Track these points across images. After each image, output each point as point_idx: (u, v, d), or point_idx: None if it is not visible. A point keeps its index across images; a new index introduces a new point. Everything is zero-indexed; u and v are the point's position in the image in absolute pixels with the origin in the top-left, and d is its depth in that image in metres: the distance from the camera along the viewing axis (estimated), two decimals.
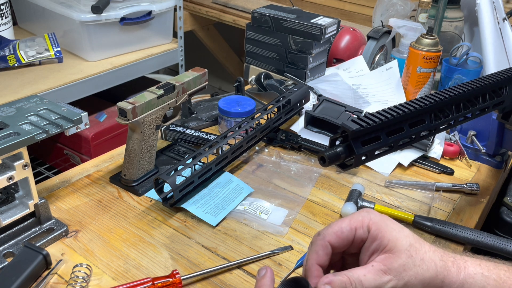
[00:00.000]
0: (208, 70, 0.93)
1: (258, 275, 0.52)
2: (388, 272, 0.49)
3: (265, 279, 0.51)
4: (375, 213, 0.52)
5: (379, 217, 0.52)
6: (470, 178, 0.93)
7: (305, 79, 1.16)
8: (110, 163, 0.91)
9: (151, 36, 1.76)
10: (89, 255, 0.69)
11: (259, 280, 0.52)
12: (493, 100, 0.71)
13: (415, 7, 1.29)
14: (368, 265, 0.50)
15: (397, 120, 0.59)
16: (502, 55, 1.15)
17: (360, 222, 0.51)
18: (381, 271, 0.49)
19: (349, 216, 0.53)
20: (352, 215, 0.53)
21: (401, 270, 0.49)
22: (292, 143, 0.96)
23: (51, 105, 0.71)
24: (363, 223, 0.51)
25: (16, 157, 0.64)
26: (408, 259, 0.49)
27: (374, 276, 0.48)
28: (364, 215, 0.52)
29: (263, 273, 0.52)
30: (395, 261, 0.49)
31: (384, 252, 0.50)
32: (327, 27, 1.12)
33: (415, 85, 1.11)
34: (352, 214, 0.53)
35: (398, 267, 0.49)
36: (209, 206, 0.78)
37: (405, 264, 0.49)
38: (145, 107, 0.78)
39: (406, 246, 0.49)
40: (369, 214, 0.52)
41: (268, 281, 0.51)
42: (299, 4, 2.12)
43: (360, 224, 0.51)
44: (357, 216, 0.52)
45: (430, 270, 0.49)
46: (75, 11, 1.53)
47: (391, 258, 0.49)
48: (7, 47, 1.49)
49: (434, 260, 0.49)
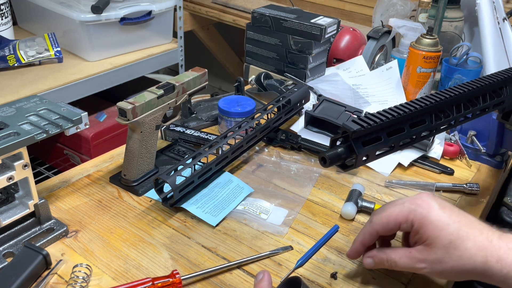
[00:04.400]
0: (208, 70, 0.93)
1: (256, 279, 0.55)
2: (423, 261, 0.56)
3: (263, 282, 0.54)
4: (422, 207, 0.56)
5: (425, 213, 0.56)
6: (470, 178, 0.92)
7: (305, 79, 1.16)
8: (110, 163, 0.91)
9: (151, 36, 1.76)
10: (89, 255, 0.69)
11: (257, 284, 0.54)
12: (493, 100, 0.71)
13: (415, 7, 1.29)
14: (408, 250, 0.57)
15: (397, 120, 0.59)
16: (502, 55, 1.15)
17: (405, 218, 0.57)
18: (417, 259, 0.56)
19: (398, 206, 0.58)
20: (402, 206, 0.58)
21: (436, 262, 0.55)
22: (292, 143, 0.96)
23: (51, 105, 0.71)
24: (408, 218, 0.57)
25: (16, 157, 0.64)
26: (445, 255, 0.54)
27: (409, 261, 0.57)
28: (411, 209, 0.57)
29: (261, 277, 0.55)
30: (431, 255, 0.55)
31: (424, 244, 0.56)
32: (327, 27, 1.12)
33: (415, 85, 1.11)
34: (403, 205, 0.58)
35: (432, 260, 0.55)
36: (209, 206, 0.78)
37: (441, 258, 0.54)
38: (145, 107, 0.78)
39: (445, 243, 0.54)
40: (415, 210, 0.56)
41: (266, 284, 0.53)
42: (299, 4, 2.12)
43: (404, 219, 0.57)
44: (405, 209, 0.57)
45: (467, 266, 0.54)
46: (75, 11, 1.53)
47: (428, 251, 0.55)
48: (7, 47, 1.49)
49: (474, 259, 0.53)
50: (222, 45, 2.55)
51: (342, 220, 0.79)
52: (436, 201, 0.57)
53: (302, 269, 0.68)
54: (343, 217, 0.79)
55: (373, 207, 0.80)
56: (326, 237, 0.74)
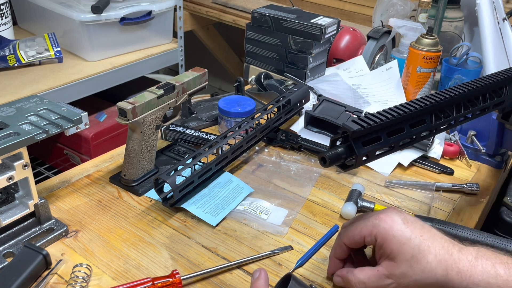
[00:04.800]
0: (208, 70, 0.93)
1: (253, 278, 0.56)
2: (390, 276, 0.56)
3: (259, 281, 0.54)
4: (385, 222, 0.57)
5: (388, 227, 0.57)
6: (470, 178, 0.92)
7: (305, 79, 1.16)
8: (110, 163, 0.91)
9: (151, 36, 1.76)
10: (89, 255, 0.69)
11: (254, 282, 0.54)
12: (493, 100, 0.71)
13: (415, 7, 1.29)
14: (375, 269, 0.58)
15: (397, 120, 0.59)
16: (502, 55, 1.15)
17: (369, 232, 0.58)
18: (384, 275, 0.57)
19: (364, 221, 0.59)
20: (367, 221, 0.59)
21: (401, 277, 0.56)
22: (292, 143, 0.96)
23: (51, 105, 0.71)
24: (372, 232, 0.58)
25: (16, 157, 0.64)
26: (408, 269, 0.55)
27: (377, 279, 0.57)
28: (375, 224, 0.58)
29: (257, 275, 0.55)
30: (396, 269, 0.56)
31: (388, 259, 0.57)
32: (327, 27, 1.12)
33: (415, 85, 1.11)
34: (367, 220, 0.59)
35: (398, 274, 0.56)
36: (209, 206, 0.78)
37: (405, 273, 0.55)
38: (145, 107, 0.78)
39: (407, 257, 0.55)
40: (379, 225, 0.57)
41: (263, 283, 0.53)
42: (299, 4, 2.12)
43: (368, 233, 0.58)
44: (369, 224, 0.58)
45: (429, 279, 0.55)
46: (75, 11, 1.53)
47: (393, 266, 0.56)
48: (7, 47, 1.49)
49: (435, 272, 0.54)
50: (222, 45, 2.55)
51: (342, 220, 0.79)
52: (400, 216, 0.58)
53: (302, 269, 0.68)
54: (343, 217, 0.79)
55: (373, 207, 0.80)
56: (326, 237, 0.74)
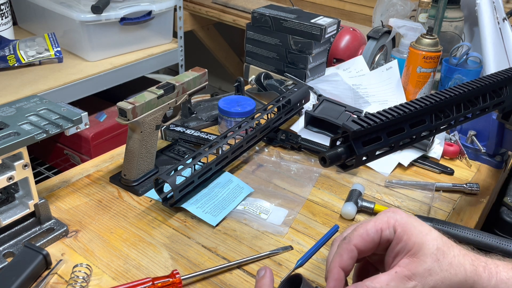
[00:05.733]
0: (208, 70, 0.93)
1: (258, 276, 0.53)
2: (412, 277, 0.47)
3: (264, 279, 0.52)
4: (401, 213, 0.50)
5: (406, 218, 0.50)
6: (470, 178, 0.92)
7: (305, 79, 1.16)
8: (110, 163, 0.91)
9: (151, 36, 1.76)
10: (89, 255, 0.69)
11: (259, 281, 0.53)
12: (493, 100, 0.71)
13: (415, 7, 1.29)
14: (392, 271, 0.48)
15: (397, 120, 0.59)
16: (502, 55, 1.15)
17: (386, 223, 0.50)
18: (405, 277, 0.47)
19: (374, 217, 0.51)
20: (378, 216, 0.51)
21: (426, 275, 0.47)
22: (292, 143, 0.96)
23: (51, 105, 0.71)
24: (389, 223, 0.50)
25: (16, 157, 0.64)
26: (434, 264, 0.47)
27: (398, 283, 0.47)
28: (390, 215, 0.50)
29: (263, 273, 0.53)
30: (420, 266, 0.47)
31: (408, 255, 0.48)
32: (327, 27, 1.12)
33: (415, 85, 1.11)
34: (378, 215, 0.51)
35: (423, 272, 0.47)
36: (209, 206, 0.78)
37: (431, 269, 0.47)
38: (145, 107, 0.78)
39: (432, 250, 0.47)
40: (395, 215, 0.50)
41: (268, 281, 0.52)
42: (299, 4, 2.12)
43: (386, 225, 0.50)
44: (382, 216, 0.50)
45: (458, 275, 0.47)
46: (75, 11, 1.53)
47: (416, 262, 0.47)
48: (7, 47, 1.49)
49: (463, 265, 0.48)
50: (222, 45, 2.55)
51: (342, 220, 0.79)
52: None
53: (302, 269, 0.68)
54: (343, 217, 0.79)
55: (373, 207, 0.80)
56: (326, 237, 0.74)
